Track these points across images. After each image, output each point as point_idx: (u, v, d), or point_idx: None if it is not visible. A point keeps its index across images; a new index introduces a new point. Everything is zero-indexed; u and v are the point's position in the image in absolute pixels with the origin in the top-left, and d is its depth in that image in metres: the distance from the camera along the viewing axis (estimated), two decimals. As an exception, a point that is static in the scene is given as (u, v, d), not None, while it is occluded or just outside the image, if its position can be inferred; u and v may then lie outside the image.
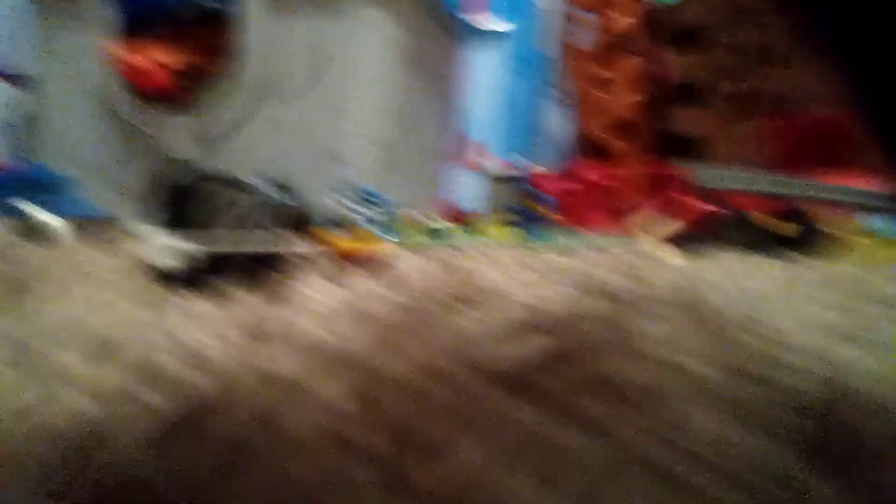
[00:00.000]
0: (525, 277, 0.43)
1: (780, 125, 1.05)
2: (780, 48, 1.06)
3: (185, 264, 0.33)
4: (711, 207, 0.59)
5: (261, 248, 0.37)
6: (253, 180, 0.37)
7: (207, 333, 0.28)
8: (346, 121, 0.88)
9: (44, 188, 0.86)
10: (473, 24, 1.23)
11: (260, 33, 0.88)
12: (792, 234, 0.55)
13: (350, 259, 0.45)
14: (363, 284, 0.38)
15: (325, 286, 0.40)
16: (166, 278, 0.36)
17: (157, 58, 0.87)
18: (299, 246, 0.39)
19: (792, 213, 0.58)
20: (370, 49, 0.88)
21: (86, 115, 0.97)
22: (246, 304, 0.32)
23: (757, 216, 0.56)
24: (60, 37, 0.98)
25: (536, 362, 0.22)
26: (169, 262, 0.34)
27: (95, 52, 0.94)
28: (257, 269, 0.36)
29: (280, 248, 0.38)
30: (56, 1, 0.97)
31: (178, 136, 0.91)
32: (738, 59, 1.10)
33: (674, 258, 0.53)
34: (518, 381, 0.19)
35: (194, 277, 0.34)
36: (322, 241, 0.42)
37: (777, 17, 1.06)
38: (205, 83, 0.94)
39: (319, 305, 0.31)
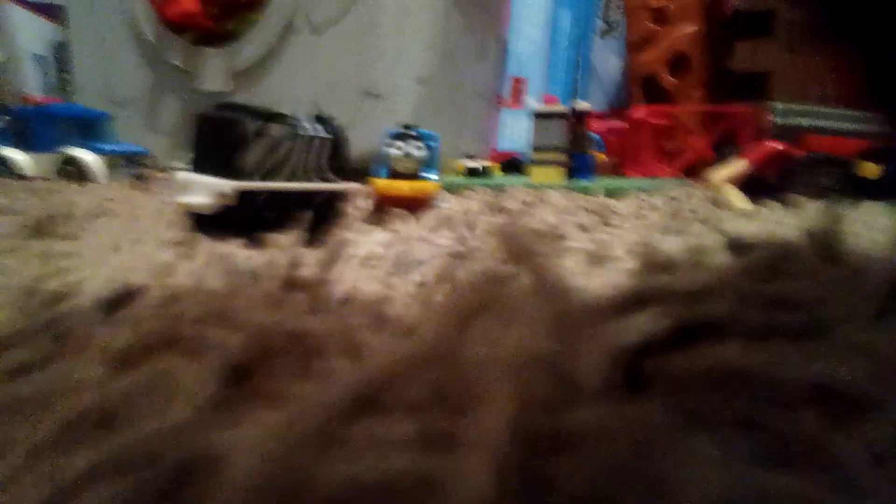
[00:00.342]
0: (585, 221, 0.39)
1: (857, 58, 0.96)
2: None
3: (216, 202, 0.30)
4: (781, 146, 0.53)
5: (297, 186, 0.33)
6: (286, 111, 0.33)
7: (234, 277, 0.25)
8: (384, 54, 0.83)
9: (78, 123, 0.84)
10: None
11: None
12: (874, 175, 0.50)
13: (391, 199, 0.42)
14: (409, 229, 0.34)
15: (367, 229, 0.37)
16: (198, 218, 0.33)
17: (185, -16, 0.82)
18: (338, 184, 0.36)
19: (875, 152, 0.52)
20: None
21: (116, 47, 0.94)
22: (281, 247, 0.29)
23: (834, 156, 0.50)
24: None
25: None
26: (199, 200, 0.30)
27: (123, -21, 0.90)
28: (295, 208, 0.33)
29: (318, 186, 0.35)
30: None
31: (209, 68, 0.87)
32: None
33: (742, 202, 0.49)
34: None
35: (227, 216, 0.31)
36: (363, 181, 0.38)
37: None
38: (236, 12, 0.89)
39: (363, 251, 0.27)
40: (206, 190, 0.31)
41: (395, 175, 0.43)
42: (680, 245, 0.32)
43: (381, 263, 0.26)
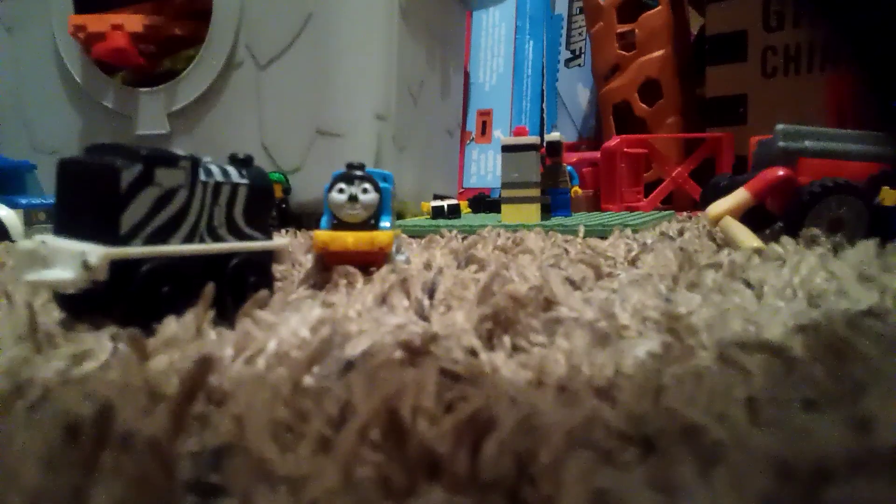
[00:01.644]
0: (581, 273, 0.32)
1: (833, 80, 0.92)
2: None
3: (80, 278, 0.22)
4: (783, 173, 0.47)
5: (195, 249, 0.25)
6: (183, 152, 0.25)
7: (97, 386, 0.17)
8: (338, 89, 0.76)
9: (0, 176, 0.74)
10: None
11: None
12: (892, 202, 0.44)
13: (335, 255, 0.34)
14: (351, 299, 0.26)
15: (299, 299, 0.29)
16: (65, 300, 0.25)
17: (113, 20, 0.75)
18: (257, 242, 0.28)
19: (890, 177, 0.46)
20: (363, 4, 0.75)
21: (41, 89, 0.85)
22: (168, 340, 0.21)
23: (848, 182, 0.44)
24: (11, 4, 0.85)
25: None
26: (56, 276, 0.22)
27: (49, 19, 0.82)
28: (199, 279, 0.25)
29: (227, 247, 0.26)
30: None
31: (144, 109, 0.79)
32: (777, 5, 0.97)
33: (750, 239, 0.42)
34: None
35: (102, 296, 0.23)
36: (298, 235, 0.30)
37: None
38: (173, 50, 0.82)
39: (275, 344, 0.19)
40: (65, 261, 0.22)
41: (339, 225, 0.35)
42: (702, 307, 0.25)
43: (296, 365, 0.18)
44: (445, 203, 0.75)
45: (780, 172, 0.45)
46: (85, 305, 0.24)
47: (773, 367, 0.17)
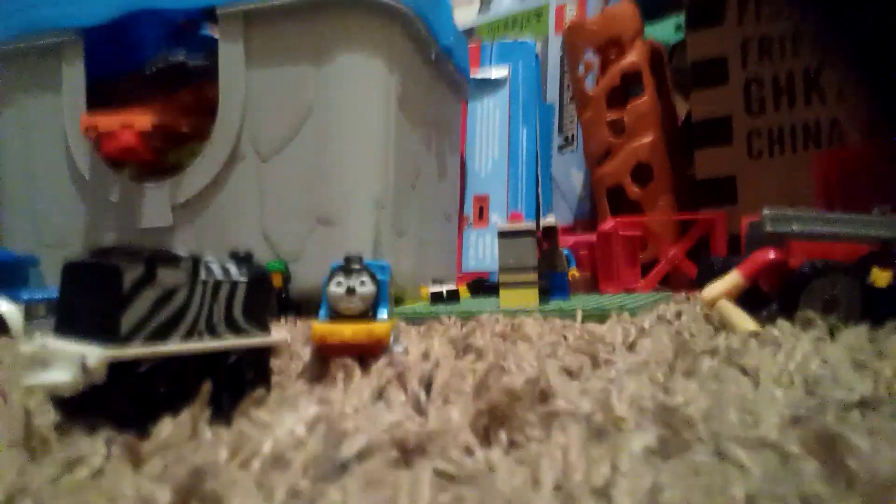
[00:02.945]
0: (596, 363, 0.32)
1: (820, 159, 0.95)
2: (806, 77, 0.97)
3: (78, 380, 0.22)
4: (776, 255, 0.48)
5: (193, 347, 0.25)
6: (185, 252, 0.26)
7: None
8: (337, 179, 0.78)
9: (3, 269, 0.75)
10: (471, 71, 1.16)
11: (235, 86, 0.79)
12: (885, 283, 0.44)
13: (333, 347, 0.34)
14: (347, 395, 0.26)
15: (296, 394, 0.29)
16: (62, 403, 0.25)
17: (124, 119, 0.78)
18: (255, 338, 0.28)
19: (880, 257, 0.46)
20: (361, 98, 0.79)
21: (49, 186, 0.88)
22: (163, 443, 0.21)
23: (839, 263, 0.45)
24: (22, 101, 0.90)
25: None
26: (54, 378, 0.22)
27: (61, 116, 0.86)
28: (197, 377, 0.25)
29: (224, 344, 0.27)
30: (16, 63, 0.89)
31: (149, 203, 0.81)
32: (758, 91, 1.01)
33: (746, 322, 0.42)
34: None
35: (100, 397, 0.23)
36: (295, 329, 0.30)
37: (795, 45, 0.99)
38: (180, 144, 0.85)
39: (270, 445, 0.19)
40: (64, 363, 0.23)
41: (337, 316, 0.35)
42: (699, 396, 0.25)
43: (291, 468, 0.17)
44: (444, 288, 0.75)
45: (771, 255, 0.46)
46: (82, 407, 0.24)
47: (769, 461, 0.17)
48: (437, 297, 0.74)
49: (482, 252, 1.23)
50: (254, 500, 0.16)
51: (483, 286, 0.88)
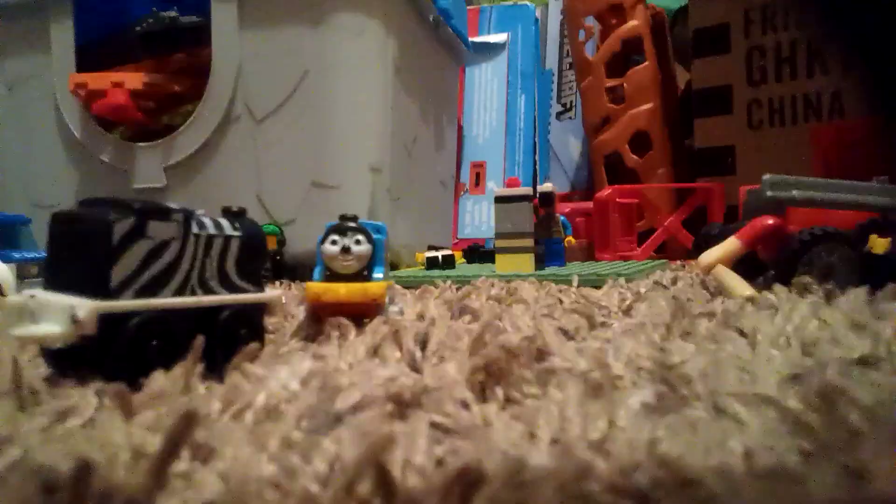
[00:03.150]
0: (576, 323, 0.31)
1: (820, 132, 0.94)
2: (809, 48, 0.96)
3: (68, 332, 0.22)
4: (774, 222, 0.47)
5: (186, 302, 0.25)
6: (177, 205, 0.25)
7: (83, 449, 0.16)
8: (333, 143, 0.77)
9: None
10: (469, 36, 1.13)
11: (229, 47, 0.77)
12: (883, 250, 0.44)
13: (327, 306, 0.34)
14: (342, 351, 0.26)
15: (290, 351, 0.29)
16: (51, 355, 0.24)
17: (113, 78, 0.76)
18: (248, 294, 0.28)
19: (879, 225, 0.46)
20: (357, 61, 0.77)
21: (42, 147, 0.86)
22: (155, 395, 0.21)
23: (837, 230, 0.44)
24: (12, 62, 0.87)
25: None
26: (43, 330, 0.22)
27: (50, 76, 0.84)
28: (189, 332, 0.24)
29: (218, 299, 0.26)
30: (5, 23, 0.86)
31: (142, 164, 0.80)
32: (759, 62, 1.00)
33: (743, 288, 0.42)
34: None
35: (91, 350, 0.23)
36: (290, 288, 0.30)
37: (799, 15, 0.97)
38: (172, 105, 0.83)
39: (264, 396, 0.19)
40: (54, 315, 0.22)
41: (332, 276, 0.35)
42: (696, 356, 0.24)
43: (285, 419, 0.17)
44: (440, 253, 0.75)
45: (770, 221, 0.46)
46: (73, 359, 0.24)
47: (767, 417, 0.17)
48: (432, 263, 0.74)
49: (478, 219, 1.23)
50: (246, 450, 0.16)
51: (479, 253, 0.88)
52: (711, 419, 0.17)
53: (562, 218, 0.75)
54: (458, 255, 0.86)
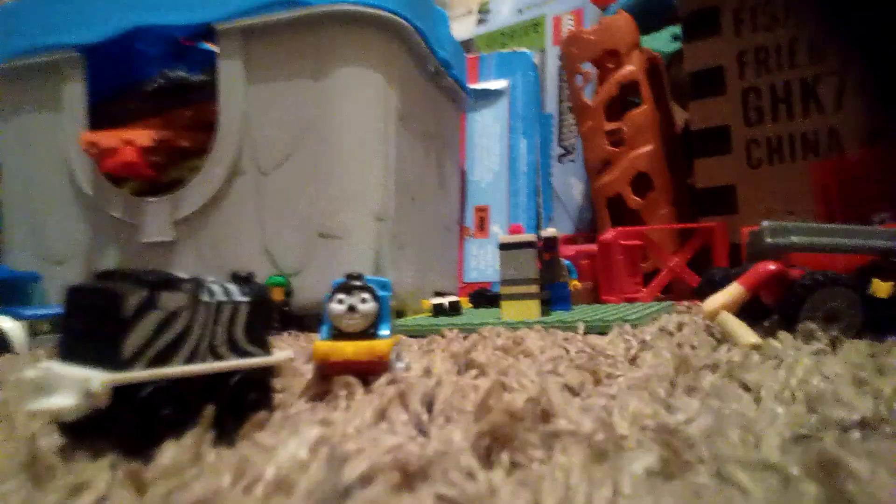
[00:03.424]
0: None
1: (818, 168, 0.95)
2: (803, 87, 0.98)
3: (82, 404, 0.22)
4: (776, 267, 0.48)
5: (195, 369, 0.25)
6: (187, 274, 0.26)
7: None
8: (338, 193, 0.78)
9: (5, 287, 0.76)
10: (469, 83, 1.16)
11: (235, 102, 0.79)
12: (885, 294, 0.44)
13: (334, 365, 0.34)
14: (349, 416, 0.26)
15: (297, 414, 0.29)
16: (66, 427, 0.25)
17: (124, 135, 0.79)
18: (257, 358, 0.28)
19: (880, 268, 0.47)
20: (360, 112, 0.79)
21: (51, 202, 0.88)
22: (166, 468, 0.21)
23: (839, 275, 0.45)
24: (23, 119, 0.90)
25: None
26: (57, 402, 0.23)
27: (62, 134, 0.86)
28: (200, 399, 0.25)
29: (227, 365, 0.27)
30: (18, 82, 0.89)
31: (150, 218, 0.82)
32: (755, 101, 1.02)
33: (748, 335, 0.42)
34: None
35: (104, 421, 0.23)
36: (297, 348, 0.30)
37: (792, 56, 0.99)
38: (181, 160, 0.85)
39: (273, 470, 0.19)
40: (68, 388, 0.23)
41: (339, 334, 0.36)
42: (700, 414, 0.25)
43: (294, 496, 0.18)
44: (446, 300, 0.75)
45: (772, 267, 0.46)
46: (86, 429, 0.24)
47: (770, 484, 0.17)
48: (439, 310, 0.74)
49: (483, 263, 1.23)
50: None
51: (485, 297, 0.88)
52: (715, 487, 0.17)
53: (566, 262, 0.75)
54: (464, 300, 0.86)
